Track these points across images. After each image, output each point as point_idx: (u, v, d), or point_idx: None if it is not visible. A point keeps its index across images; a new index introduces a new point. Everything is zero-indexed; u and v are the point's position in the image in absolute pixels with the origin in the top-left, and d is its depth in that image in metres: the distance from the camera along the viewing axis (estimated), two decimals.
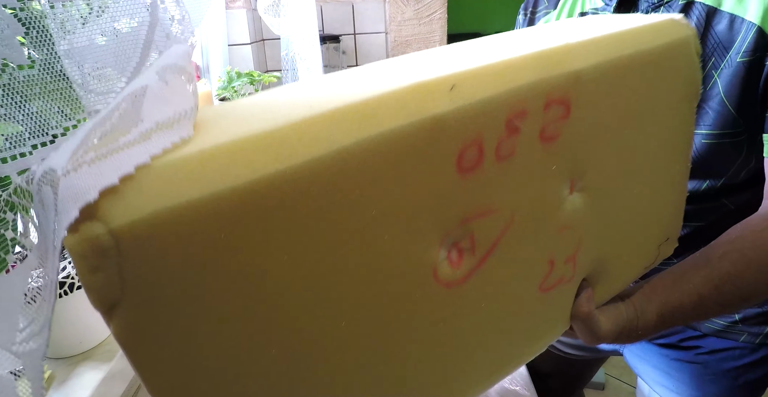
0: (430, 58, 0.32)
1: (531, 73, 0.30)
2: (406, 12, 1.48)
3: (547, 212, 0.35)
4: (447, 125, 0.27)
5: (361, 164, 0.24)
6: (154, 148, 0.20)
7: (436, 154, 0.27)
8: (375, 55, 1.55)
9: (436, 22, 1.50)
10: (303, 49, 1.28)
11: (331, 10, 1.49)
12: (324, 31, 1.50)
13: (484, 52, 0.32)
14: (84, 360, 0.60)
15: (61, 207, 0.18)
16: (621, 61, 0.35)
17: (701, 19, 0.55)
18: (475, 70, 0.29)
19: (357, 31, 1.52)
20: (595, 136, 0.36)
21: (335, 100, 0.24)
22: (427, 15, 1.49)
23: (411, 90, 0.26)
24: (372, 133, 0.24)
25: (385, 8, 1.49)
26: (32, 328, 0.22)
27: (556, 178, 0.35)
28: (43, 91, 0.21)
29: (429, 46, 1.52)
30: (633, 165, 0.41)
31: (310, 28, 1.24)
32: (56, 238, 0.19)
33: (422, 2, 1.47)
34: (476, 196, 0.30)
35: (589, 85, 0.34)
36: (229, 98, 1.27)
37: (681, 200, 0.50)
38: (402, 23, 1.50)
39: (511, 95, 0.29)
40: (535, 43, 0.33)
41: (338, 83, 0.28)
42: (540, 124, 0.32)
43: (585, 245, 0.40)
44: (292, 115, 0.23)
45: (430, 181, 0.27)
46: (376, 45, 1.54)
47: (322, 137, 0.22)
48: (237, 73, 1.26)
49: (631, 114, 0.38)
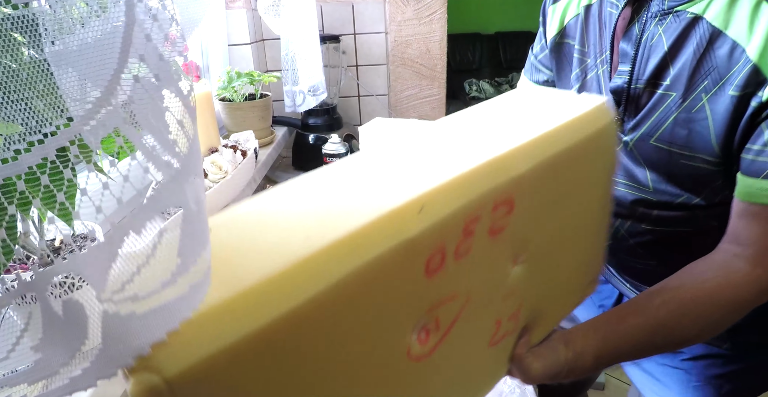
0: (400, 166, 0.38)
1: (482, 184, 0.37)
2: (406, 12, 1.48)
3: (495, 287, 0.43)
4: (417, 243, 0.33)
5: (353, 289, 0.30)
6: (192, 301, 0.24)
7: (410, 267, 0.33)
8: (375, 55, 1.55)
9: (436, 22, 1.50)
10: (303, 49, 1.28)
11: (331, 10, 1.49)
12: (324, 31, 1.50)
13: (444, 156, 0.39)
14: None
15: (107, 340, 0.22)
16: (554, 158, 0.42)
17: (704, 39, 0.53)
18: (437, 188, 0.35)
19: (357, 31, 1.52)
20: (534, 218, 0.44)
21: (328, 231, 0.30)
22: (427, 15, 1.49)
23: (388, 217, 0.32)
24: (361, 262, 0.30)
25: (385, 8, 1.49)
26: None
27: (502, 260, 0.43)
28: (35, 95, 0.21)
29: (429, 46, 1.52)
30: (565, 232, 0.49)
31: (310, 28, 1.24)
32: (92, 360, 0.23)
33: (422, 2, 1.47)
34: (440, 290, 0.36)
35: (529, 183, 0.41)
36: (229, 98, 1.27)
37: (602, 245, 0.58)
38: (402, 23, 1.50)
39: (467, 207, 0.36)
40: (483, 147, 0.40)
41: (325, 202, 0.33)
42: (489, 223, 0.38)
43: (525, 303, 0.48)
44: (295, 252, 0.28)
45: (405, 288, 0.33)
46: (376, 45, 1.54)
47: (323, 272, 0.28)
48: (237, 73, 1.26)
49: (563, 194, 0.46)
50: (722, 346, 0.71)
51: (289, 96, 1.41)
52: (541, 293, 0.50)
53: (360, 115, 1.63)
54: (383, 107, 1.60)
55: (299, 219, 0.32)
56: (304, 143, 1.43)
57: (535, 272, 0.47)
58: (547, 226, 0.46)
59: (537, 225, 0.44)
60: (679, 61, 0.56)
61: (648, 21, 0.58)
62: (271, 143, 1.35)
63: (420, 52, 1.53)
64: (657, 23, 0.57)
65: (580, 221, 0.51)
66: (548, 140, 0.42)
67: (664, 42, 0.56)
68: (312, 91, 1.33)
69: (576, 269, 0.55)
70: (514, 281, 0.45)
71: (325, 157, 1.26)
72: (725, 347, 0.71)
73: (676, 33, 0.55)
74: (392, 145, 0.42)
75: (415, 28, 1.51)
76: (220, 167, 0.94)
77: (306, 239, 0.29)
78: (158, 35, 0.23)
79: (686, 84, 0.55)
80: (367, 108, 1.61)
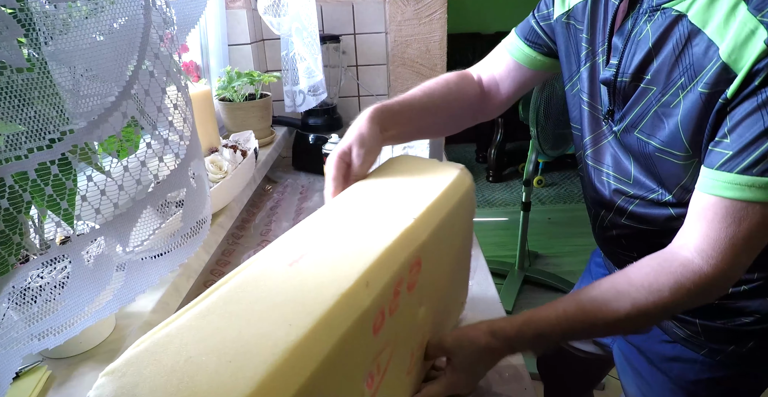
0: (332, 247, 0.46)
1: (402, 253, 0.48)
2: (406, 12, 1.48)
3: (410, 327, 0.53)
4: (368, 312, 0.41)
5: (329, 362, 0.35)
6: (189, 250, 0.34)
7: (364, 332, 0.41)
8: (375, 55, 1.55)
9: (436, 22, 1.50)
10: (303, 49, 1.28)
11: (331, 10, 1.49)
12: (324, 31, 1.50)
13: (365, 233, 0.48)
14: (84, 360, 0.60)
15: (129, 277, 0.32)
16: (442, 222, 0.55)
17: (683, 36, 0.54)
18: (374, 263, 0.44)
19: (357, 31, 1.52)
20: (432, 269, 0.55)
21: (305, 313, 0.37)
22: (427, 15, 1.49)
23: (348, 295, 0.39)
24: (334, 339, 0.36)
25: (385, 8, 1.49)
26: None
27: (416, 306, 0.54)
28: (41, 95, 0.21)
29: (429, 46, 1.53)
30: (449, 271, 0.63)
31: (310, 28, 1.25)
32: None
33: (422, 2, 1.47)
34: (380, 342, 0.45)
35: (429, 245, 0.52)
36: (229, 98, 1.27)
37: (468, 272, 0.75)
38: (402, 23, 1.50)
39: (395, 274, 0.46)
40: (392, 222, 0.50)
41: (288, 289, 0.40)
42: (408, 282, 0.49)
43: (430, 332, 0.60)
44: (285, 339, 0.34)
45: (360, 348, 0.41)
46: (376, 45, 1.54)
47: (309, 357, 0.34)
48: (237, 73, 1.26)
49: (447, 244, 0.59)
50: (700, 351, 0.71)
51: (289, 96, 1.42)
52: (437, 320, 0.62)
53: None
54: None
55: (273, 309, 0.38)
56: (304, 143, 1.44)
57: (434, 308, 0.59)
58: (439, 270, 0.59)
59: (434, 273, 0.57)
60: (661, 56, 0.57)
61: (639, 17, 0.60)
62: (271, 143, 1.35)
63: (420, 52, 1.53)
64: (647, 19, 0.59)
65: (457, 259, 0.66)
66: (436, 209, 0.56)
67: (650, 37, 0.58)
68: (312, 91, 1.33)
69: (455, 298, 0.71)
70: (421, 320, 0.56)
71: (325, 157, 1.26)
72: (703, 352, 0.71)
73: (661, 29, 0.57)
74: (312, 231, 0.50)
75: (415, 28, 1.51)
76: (220, 167, 0.94)
77: (290, 325, 0.35)
78: (163, 35, 0.24)
79: (665, 79, 0.57)
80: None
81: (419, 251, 0.51)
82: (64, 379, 0.57)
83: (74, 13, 0.25)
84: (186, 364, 0.31)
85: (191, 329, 0.34)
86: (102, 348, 0.61)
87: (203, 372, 0.31)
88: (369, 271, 0.43)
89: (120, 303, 0.34)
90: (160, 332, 0.34)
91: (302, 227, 0.51)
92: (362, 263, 0.44)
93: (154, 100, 0.29)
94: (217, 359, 0.32)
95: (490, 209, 3.24)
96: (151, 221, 0.33)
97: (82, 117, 0.23)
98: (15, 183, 0.23)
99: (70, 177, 0.26)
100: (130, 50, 0.25)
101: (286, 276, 0.42)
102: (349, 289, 0.40)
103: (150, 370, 0.31)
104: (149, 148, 0.30)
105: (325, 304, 0.38)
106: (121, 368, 0.31)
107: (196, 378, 0.30)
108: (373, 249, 0.46)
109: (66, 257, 0.31)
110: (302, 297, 0.39)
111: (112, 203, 0.29)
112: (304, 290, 0.39)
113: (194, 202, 0.37)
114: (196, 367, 0.31)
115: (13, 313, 0.32)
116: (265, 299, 0.38)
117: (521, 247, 2.31)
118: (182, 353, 0.32)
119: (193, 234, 0.37)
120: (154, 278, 0.35)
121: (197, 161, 0.37)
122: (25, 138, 0.21)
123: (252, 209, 1.22)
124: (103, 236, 0.30)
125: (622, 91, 0.63)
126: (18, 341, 0.30)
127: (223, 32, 1.38)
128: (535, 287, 2.34)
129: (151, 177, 0.32)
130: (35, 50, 0.24)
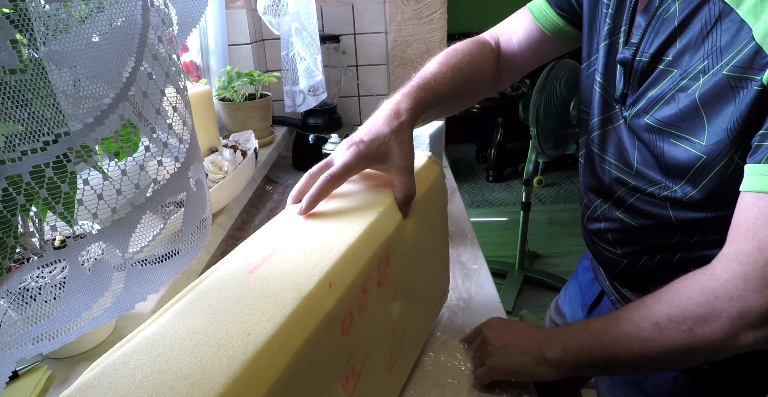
0: (295, 249, 0.45)
1: (368, 250, 0.46)
2: (406, 12, 1.48)
3: (386, 325, 0.52)
4: (334, 313, 0.40)
5: (292, 369, 0.35)
6: (189, 257, 0.34)
7: (331, 334, 0.40)
8: (375, 55, 1.54)
9: (436, 22, 1.49)
10: (303, 49, 1.28)
11: (331, 10, 1.49)
12: (324, 31, 1.49)
13: (328, 232, 0.47)
14: (84, 360, 0.59)
15: (129, 284, 0.31)
16: (410, 212, 0.54)
17: (713, 16, 0.51)
18: (338, 262, 0.43)
19: (357, 31, 1.52)
20: (403, 263, 0.54)
21: (264, 320, 0.36)
22: (427, 15, 1.49)
23: (310, 297, 0.38)
24: (296, 346, 0.35)
25: (385, 8, 1.49)
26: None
27: (388, 303, 0.52)
28: (35, 96, 0.21)
29: (429, 45, 1.52)
30: (423, 264, 0.61)
31: (310, 28, 1.24)
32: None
33: (422, 2, 1.47)
34: (352, 342, 0.44)
35: (398, 238, 0.51)
36: (229, 98, 1.27)
37: (447, 263, 0.73)
38: (402, 23, 1.49)
39: (361, 272, 0.44)
40: (356, 219, 0.49)
41: (249, 293, 0.39)
42: (377, 278, 0.48)
43: (406, 329, 0.58)
44: (243, 350, 0.33)
45: (329, 350, 0.40)
46: (376, 45, 1.53)
47: (269, 367, 0.33)
48: (237, 73, 1.25)
49: (418, 236, 0.58)
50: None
51: (289, 96, 1.41)
52: (414, 316, 0.61)
53: (360, 115, 1.63)
54: None
55: (243, 314, 0.37)
56: (304, 143, 1.43)
57: (409, 303, 0.58)
58: (411, 264, 0.57)
59: (405, 267, 0.55)
60: (686, 37, 0.54)
61: None
62: (271, 143, 1.35)
63: (420, 52, 1.53)
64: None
65: (431, 251, 0.65)
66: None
67: (676, 15, 0.55)
68: (312, 91, 1.33)
69: (434, 289, 0.69)
70: (396, 316, 0.55)
71: (325, 157, 1.26)
72: (677, 370, 0.70)
73: (690, 8, 0.53)
74: (276, 233, 0.49)
75: (415, 28, 1.50)
76: (220, 167, 0.93)
77: (248, 335, 0.34)
78: (162, 35, 0.23)
79: (687, 62, 0.54)
80: (367, 108, 1.61)
81: (386, 246, 0.49)
82: (64, 379, 0.56)
83: (73, 13, 0.24)
84: (141, 384, 0.30)
85: (148, 346, 0.33)
86: (102, 348, 0.61)
87: (157, 393, 0.30)
88: (332, 271, 0.42)
89: (119, 310, 0.34)
90: (115, 352, 0.33)
91: (266, 229, 0.50)
92: (324, 263, 0.42)
93: (153, 103, 0.28)
94: (173, 377, 0.31)
95: (490, 209, 3.23)
96: (150, 226, 0.32)
97: (78, 119, 0.23)
98: (9, 186, 0.22)
99: (65, 180, 0.26)
100: (127, 51, 0.24)
101: (246, 283, 0.40)
102: (311, 291, 0.39)
103: (103, 396, 0.30)
104: (148, 151, 0.29)
105: (285, 309, 0.37)
106: (74, 396, 0.30)
107: None
108: (336, 248, 0.44)
109: (62, 261, 0.30)
110: (262, 304, 0.37)
111: (110, 207, 0.29)
112: (264, 296, 0.38)
113: (194, 206, 0.36)
114: (153, 387, 0.30)
115: (10, 314, 0.32)
116: (224, 309, 0.37)
117: (521, 247, 2.31)
118: (138, 374, 0.31)
119: (194, 239, 0.36)
120: (155, 285, 0.34)
121: (197, 165, 0.36)
122: (19, 140, 0.21)
123: (252, 209, 1.22)
124: (101, 241, 0.29)
125: (638, 73, 0.60)
126: (12, 345, 0.29)
127: (223, 32, 1.38)
128: (535, 287, 2.34)
129: (149, 181, 0.31)
130: (30, 51, 0.23)
